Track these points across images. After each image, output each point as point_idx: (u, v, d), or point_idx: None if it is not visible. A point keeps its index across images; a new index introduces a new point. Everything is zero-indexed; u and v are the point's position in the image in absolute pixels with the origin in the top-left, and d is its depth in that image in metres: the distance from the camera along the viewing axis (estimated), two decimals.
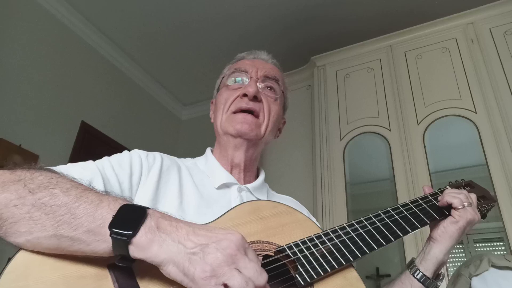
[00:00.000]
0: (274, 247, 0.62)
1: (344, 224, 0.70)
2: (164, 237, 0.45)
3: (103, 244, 0.46)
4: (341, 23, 2.90)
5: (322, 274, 0.59)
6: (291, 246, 0.62)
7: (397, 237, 0.69)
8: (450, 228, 0.73)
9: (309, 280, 0.58)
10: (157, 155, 0.79)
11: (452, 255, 2.48)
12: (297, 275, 0.58)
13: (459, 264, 1.54)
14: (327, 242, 0.65)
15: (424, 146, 2.18)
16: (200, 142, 1.25)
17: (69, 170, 0.61)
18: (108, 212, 0.47)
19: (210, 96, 0.98)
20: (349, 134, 2.46)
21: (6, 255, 0.47)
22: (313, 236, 0.65)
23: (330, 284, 0.61)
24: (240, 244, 0.46)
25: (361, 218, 0.72)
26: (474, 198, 0.78)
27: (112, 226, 0.45)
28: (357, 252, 0.64)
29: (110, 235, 0.45)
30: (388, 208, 0.75)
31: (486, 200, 0.86)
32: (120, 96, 3.27)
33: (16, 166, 0.54)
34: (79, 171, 0.63)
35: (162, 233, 0.46)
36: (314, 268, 0.60)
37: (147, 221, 0.46)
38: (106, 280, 0.47)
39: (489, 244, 2.50)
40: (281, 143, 2.67)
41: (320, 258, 0.61)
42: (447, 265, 1.95)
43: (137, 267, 0.48)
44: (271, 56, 0.95)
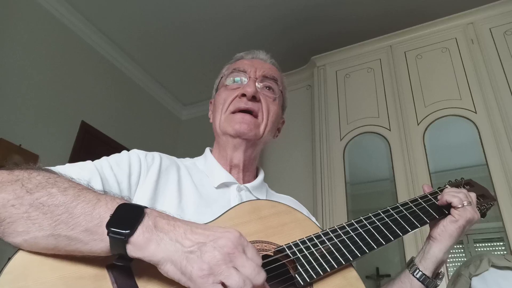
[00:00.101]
0: (274, 247, 0.61)
1: (344, 224, 0.69)
2: (162, 236, 0.45)
3: (101, 244, 0.46)
4: (341, 23, 2.90)
5: (322, 274, 0.59)
6: (291, 246, 0.62)
7: (397, 237, 0.69)
8: (450, 227, 0.73)
9: (309, 280, 0.58)
10: (156, 155, 0.79)
11: (452, 255, 2.48)
12: (297, 275, 0.58)
13: (459, 264, 1.54)
14: (327, 242, 0.65)
15: (424, 146, 2.18)
16: (200, 142, 1.25)
17: (67, 170, 0.61)
18: (106, 211, 0.47)
19: (210, 96, 0.97)
20: (349, 134, 2.46)
21: (6, 255, 0.47)
22: (313, 236, 0.65)
23: (330, 284, 0.61)
24: (238, 242, 0.46)
25: (361, 218, 0.72)
26: (474, 197, 0.78)
27: (110, 225, 0.45)
28: (357, 252, 0.64)
29: (108, 234, 0.45)
30: (388, 208, 0.75)
31: (486, 199, 0.86)
32: (120, 96, 3.27)
33: (16, 166, 0.54)
34: (78, 171, 0.62)
35: (160, 232, 0.46)
36: (314, 268, 0.59)
37: (145, 220, 0.46)
38: (105, 281, 0.47)
39: (489, 244, 2.50)
40: (281, 143, 2.67)
41: (320, 258, 0.61)
42: (447, 265, 1.94)
43: (136, 267, 0.48)
44: (270, 56, 0.94)
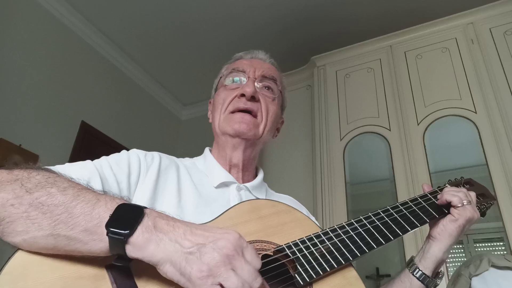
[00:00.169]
0: (274, 247, 0.61)
1: (344, 223, 0.69)
2: (161, 237, 0.45)
3: (100, 244, 0.46)
4: (341, 23, 2.90)
5: (321, 274, 0.59)
6: (290, 246, 0.62)
7: (397, 236, 0.69)
8: (450, 226, 0.73)
9: (308, 280, 0.58)
10: (156, 155, 0.79)
11: (452, 255, 2.48)
12: (296, 275, 0.58)
13: (459, 264, 1.54)
14: (326, 242, 0.64)
15: (424, 146, 2.18)
16: (200, 142, 1.25)
17: (67, 170, 0.61)
18: (105, 212, 0.47)
19: (210, 96, 0.97)
20: (349, 134, 2.46)
21: (6, 255, 0.46)
22: (312, 236, 0.65)
23: (329, 284, 0.60)
24: (237, 244, 0.46)
25: (360, 217, 0.71)
26: (474, 196, 0.78)
27: (109, 226, 0.45)
28: (357, 252, 0.64)
29: (107, 235, 0.45)
30: (388, 207, 0.75)
31: (486, 198, 0.86)
32: (120, 96, 3.27)
33: (16, 166, 0.54)
34: (77, 171, 0.62)
35: (159, 233, 0.46)
36: (313, 268, 0.59)
37: (144, 221, 0.46)
38: (104, 281, 0.47)
39: (489, 244, 2.50)
40: (281, 143, 2.67)
41: (319, 258, 0.61)
42: (447, 265, 1.94)
43: (135, 267, 0.48)
44: (269, 56, 0.94)
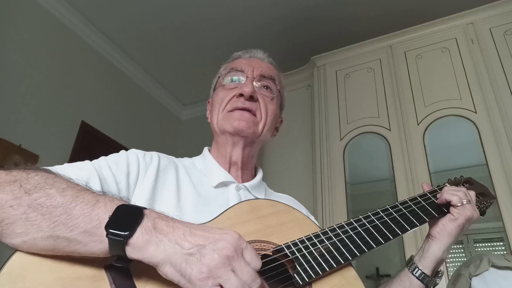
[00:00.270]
0: (273, 247, 0.61)
1: (343, 223, 0.69)
2: (161, 238, 0.45)
3: (100, 245, 0.45)
4: (341, 23, 2.90)
5: (321, 274, 0.59)
6: (290, 246, 0.62)
7: (396, 236, 0.69)
8: (449, 226, 0.73)
9: (307, 280, 0.58)
10: (154, 155, 0.78)
11: (452, 255, 2.48)
12: (295, 275, 0.58)
13: (459, 264, 1.54)
14: (326, 241, 0.64)
15: (424, 146, 2.18)
16: (200, 142, 1.25)
17: (66, 170, 0.60)
18: (105, 213, 0.47)
19: (210, 96, 0.97)
20: (349, 134, 2.46)
21: (5, 256, 0.46)
22: (312, 235, 0.65)
23: (329, 284, 0.60)
24: (237, 245, 0.46)
25: (360, 217, 0.71)
26: (473, 195, 0.78)
27: (109, 227, 0.45)
28: (356, 251, 0.64)
29: (107, 236, 0.45)
30: (387, 206, 0.75)
31: (485, 197, 0.86)
32: (120, 96, 3.27)
33: (16, 166, 0.53)
34: (76, 171, 0.62)
35: (159, 234, 0.46)
36: (313, 268, 0.59)
37: (144, 222, 0.46)
38: (103, 282, 0.47)
39: (489, 244, 2.49)
40: (281, 143, 2.67)
41: (319, 257, 0.61)
42: (447, 265, 1.94)
43: (134, 268, 0.48)
44: (267, 55, 0.94)
